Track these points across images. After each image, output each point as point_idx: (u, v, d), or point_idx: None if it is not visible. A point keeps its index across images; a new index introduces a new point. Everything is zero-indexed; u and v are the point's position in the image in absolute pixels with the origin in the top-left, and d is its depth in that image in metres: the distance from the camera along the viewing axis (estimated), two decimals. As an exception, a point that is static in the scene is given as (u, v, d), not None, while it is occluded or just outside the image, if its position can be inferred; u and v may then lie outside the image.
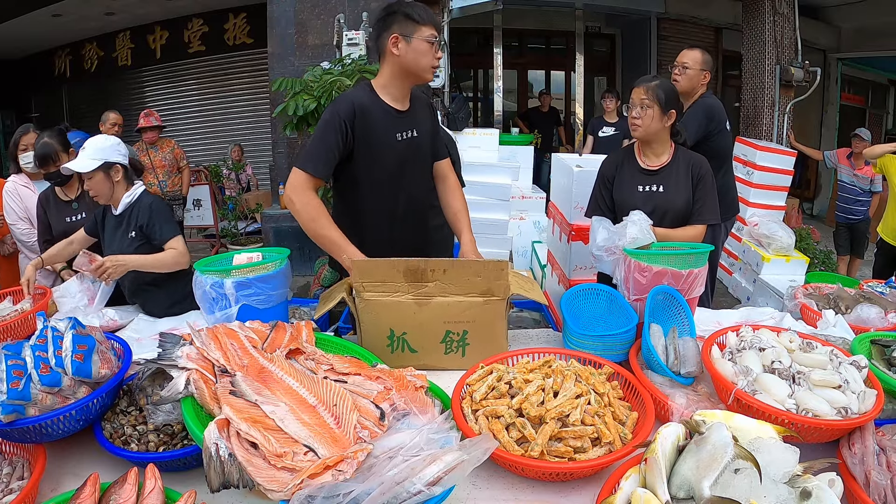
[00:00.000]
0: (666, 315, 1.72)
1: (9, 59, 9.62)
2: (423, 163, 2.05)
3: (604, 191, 2.27)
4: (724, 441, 0.97)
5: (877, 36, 8.08)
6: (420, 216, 2.09)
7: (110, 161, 2.19)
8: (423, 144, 2.02)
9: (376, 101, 1.91)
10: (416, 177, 2.03)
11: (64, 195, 2.68)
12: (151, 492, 1.03)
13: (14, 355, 1.24)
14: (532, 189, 5.31)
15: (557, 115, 8.28)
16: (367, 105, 1.88)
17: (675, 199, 2.13)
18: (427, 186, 2.10)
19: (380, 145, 1.91)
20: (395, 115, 1.94)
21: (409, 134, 1.97)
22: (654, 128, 2.11)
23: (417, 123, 2.00)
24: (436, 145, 2.10)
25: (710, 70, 3.00)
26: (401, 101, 1.95)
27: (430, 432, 1.06)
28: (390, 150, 1.93)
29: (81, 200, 2.66)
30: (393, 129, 1.93)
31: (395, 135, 1.94)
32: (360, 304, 1.64)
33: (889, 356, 1.53)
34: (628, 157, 2.25)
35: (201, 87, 8.70)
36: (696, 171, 2.15)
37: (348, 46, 5.18)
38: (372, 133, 1.89)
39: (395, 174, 1.97)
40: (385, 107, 1.92)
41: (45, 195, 2.72)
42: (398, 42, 1.84)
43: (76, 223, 2.62)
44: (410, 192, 2.02)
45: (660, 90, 2.07)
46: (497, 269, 1.63)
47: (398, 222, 2.03)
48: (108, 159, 2.18)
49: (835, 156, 5.50)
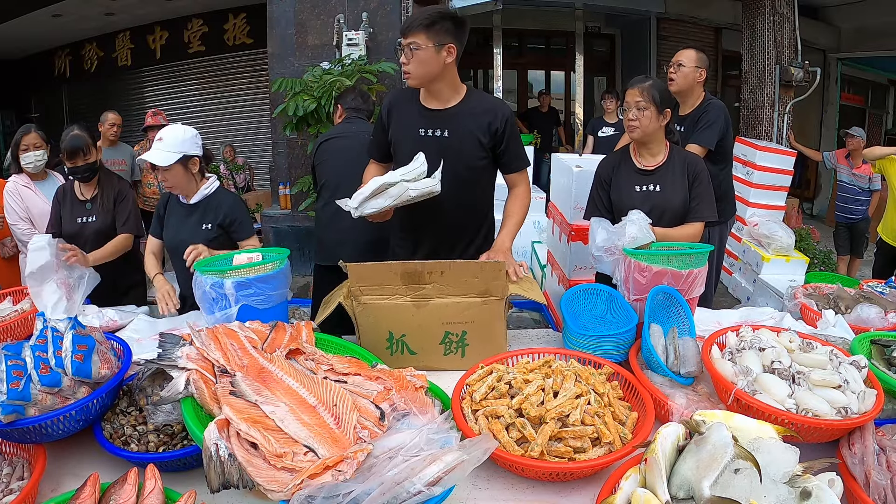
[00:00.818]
0: (666, 315, 1.72)
1: (9, 59, 9.61)
2: (449, 162, 2.01)
3: (601, 192, 2.28)
4: (724, 441, 0.97)
5: (877, 36, 8.08)
6: (445, 212, 2.08)
7: (189, 154, 2.16)
8: (453, 146, 2.02)
9: (413, 97, 2.07)
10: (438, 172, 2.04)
11: (81, 194, 2.67)
12: (151, 492, 1.03)
13: (14, 355, 1.24)
14: (532, 189, 5.31)
15: (557, 116, 8.28)
16: (401, 99, 2.11)
17: (672, 198, 2.14)
18: (458, 186, 2.05)
19: (400, 136, 2.07)
20: (426, 113, 2.04)
21: (435, 132, 2.02)
22: (652, 128, 2.12)
23: (453, 125, 2.02)
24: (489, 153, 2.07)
25: (706, 68, 3.01)
26: (436, 101, 2.03)
27: (430, 432, 1.06)
28: (410, 142, 2.02)
29: (95, 202, 2.66)
30: (417, 123, 2.03)
31: (418, 129, 2.03)
32: (357, 307, 1.64)
33: (889, 356, 1.53)
34: (624, 158, 2.26)
35: (201, 88, 8.69)
36: (691, 169, 2.16)
37: (348, 47, 5.17)
38: (396, 123, 2.08)
39: None
40: (419, 106, 2.05)
41: (63, 189, 2.71)
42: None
43: (86, 224, 2.62)
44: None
45: (654, 90, 2.08)
46: (494, 269, 1.63)
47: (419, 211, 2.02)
48: (188, 152, 2.16)
49: (834, 156, 5.50)
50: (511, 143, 2.08)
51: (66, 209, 2.65)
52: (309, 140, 4.94)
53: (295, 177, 5.58)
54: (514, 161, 2.12)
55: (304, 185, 4.99)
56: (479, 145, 2.05)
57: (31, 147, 2.96)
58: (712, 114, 2.87)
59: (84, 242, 2.56)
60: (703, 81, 3.01)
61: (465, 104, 2.03)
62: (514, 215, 2.10)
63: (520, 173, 2.14)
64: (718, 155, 2.92)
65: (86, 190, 2.67)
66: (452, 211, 2.08)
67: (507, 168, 2.13)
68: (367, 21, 5.38)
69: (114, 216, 2.67)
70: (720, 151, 2.93)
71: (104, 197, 2.67)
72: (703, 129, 2.87)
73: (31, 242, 2.01)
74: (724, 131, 2.90)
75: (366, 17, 5.39)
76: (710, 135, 2.84)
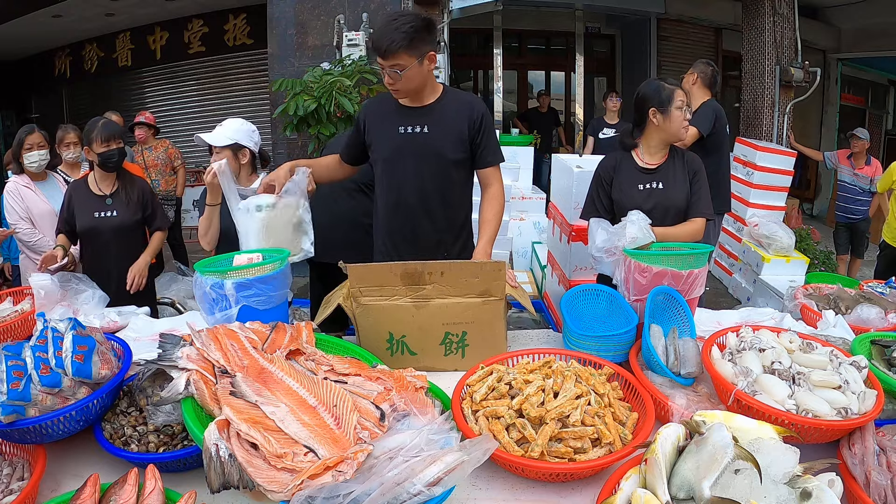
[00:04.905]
0: (666, 316, 1.72)
1: (9, 59, 9.60)
2: (430, 158, 2.04)
3: (601, 192, 2.27)
4: (724, 442, 0.96)
5: (877, 36, 8.08)
6: (428, 209, 2.09)
7: (241, 143, 2.28)
8: (434, 141, 2.03)
9: (391, 100, 2.07)
10: (419, 169, 2.05)
11: (98, 189, 2.68)
12: (151, 492, 1.03)
13: (14, 356, 1.24)
14: (532, 190, 5.32)
15: (556, 116, 8.28)
16: (379, 100, 2.15)
17: (675, 195, 2.15)
18: (440, 183, 2.09)
19: (378, 136, 2.08)
20: (404, 111, 2.05)
21: (415, 128, 2.03)
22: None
23: (432, 121, 2.03)
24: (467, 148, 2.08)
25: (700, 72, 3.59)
26: (416, 99, 2.04)
27: (430, 433, 1.06)
28: (389, 140, 2.06)
29: (116, 197, 2.68)
30: (396, 122, 2.04)
31: (397, 127, 2.04)
32: (357, 309, 1.64)
33: (889, 356, 1.53)
34: (625, 158, 2.26)
35: (201, 88, 8.69)
36: (690, 166, 2.18)
37: (348, 47, 5.18)
38: (374, 123, 2.09)
39: (394, 163, 2.06)
40: (396, 104, 2.06)
41: (75, 185, 2.73)
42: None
43: (105, 219, 2.63)
44: (415, 184, 2.06)
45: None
46: (495, 269, 1.63)
47: (402, 210, 2.08)
48: (240, 141, 2.28)
49: (835, 157, 5.50)
50: (488, 136, 2.09)
51: (80, 205, 2.65)
52: (309, 140, 4.94)
53: (295, 177, 5.57)
54: (490, 155, 2.11)
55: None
56: (459, 139, 2.05)
57: (34, 147, 2.97)
58: (705, 108, 3.43)
59: (103, 237, 2.59)
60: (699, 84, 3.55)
61: (443, 100, 2.05)
62: (490, 222, 2.07)
63: (494, 169, 2.13)
64: (710, 147, 3.38)
65: (104, 185, 2.68)
66: (434, 211, 2.08)
67: (483, 161, 2.11)
68: (367, 21, 5.39)
69: (141, 213, 2.74)
70: (712, 143, 3.40)
71: (126, 192, 2.70)
72: (696, 117, 3.33)
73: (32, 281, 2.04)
74: (715, 124, 3.38)
75: (366, 18, 5.40)
76: (703, 121, 3.34)
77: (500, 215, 2.11)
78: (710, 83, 3.60)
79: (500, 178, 2.14)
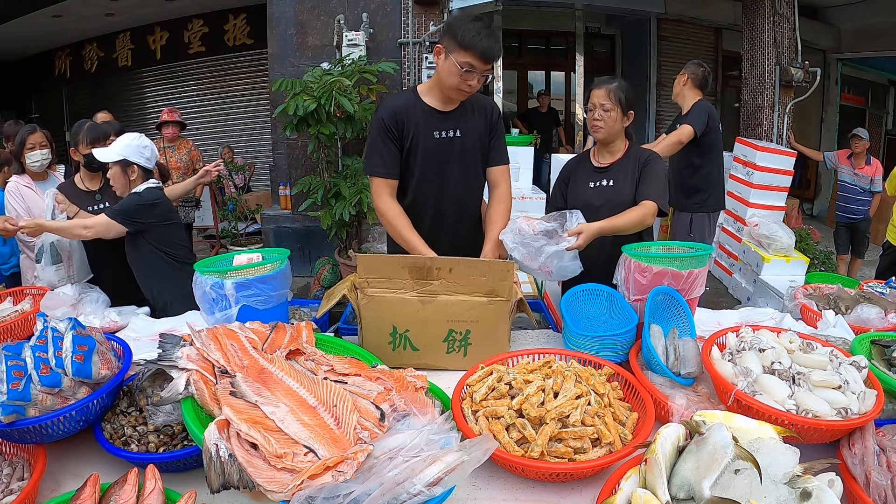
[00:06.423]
0: (666, 315, 1.72)
1: (9, 59, 9.61)
2: (465, 162, 2.06)
3: (559, 191, 2.34)
4: (724, 442, 0.96)
5: (877, 36, 8.08)
6: (464, 215, 2.10)
7: (129, 160, 2.34)
8: (466, 144, 2.05)
9: (416, 102, 2.03)
10: (456, 175, 2.06)
11: (85, 186, 2.76)
12: (151, 492, 1.03)
13: (14, 356, 1.24)
14: (532, 189, 5.31)
15: (556, 116, 8.29)
16: (402, 106, 2.02)
17: (624, 190, 2.15)
18: (472, 186, 2.12)
19: (416, 141, 2.02)
20: (435, 114, 2.03)
21: (449, 133, 2.03)
22: (616, 129, 2.16)
23: (462, 124, 2.04)
24: (487, 149, 2.10)
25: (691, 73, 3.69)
26: (444, 103, 2.03)
27: (430, 433, 1.06)
28: (426, 147, 2.02)
29: (105, 192, 2.75)
30: (430, 127, 2.02)
31: (432, 132, 2.02)
32: (363, 300, 1.64)
33: (889, 356, 1.53)
34: (584, 158, 2.32)
35: (201, 88, 8.70)
36: (642, 161, 2.17)
37: (348, 47, 5.18)
38: (409, 130, 2.01)
39: (432, 170, 2.04)
40: (424, 107, 2.02)
41: (63, 186, 2.77)
42: (440, 53, 1.92)
43: (97, 213, 2.67)
44: (452, 190, 2.07)
45: (620, 92, 2.11)
46: (503, 269, 1.63)
47: (442, 219, 2.08)
48: (128, 158, 2.34)
49: (835, 157, 5.50)
50: (501, 136, 2.12)
51: (72, 202, 2.67)
52: (309, 140, 4.94)
53: (295, 177, 5.58)
54: (501, 153, 2.14)
55: (305, 185, 4.99)
56: (483, 142, 2.08)
57: (37, 146, 2.97)
58: (697, 108, 3.57)
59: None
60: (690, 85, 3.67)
61: (465, 102, 2.05)
62: (497, 223, 2.05)
63: (504, 168, 2.15)
64: (704, 147, 3.56)
65: (91, 183, 2.76)
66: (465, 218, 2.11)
67: (495, 160, 2.13)
68: (367, 21, 5.39)
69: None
70: (706, 142, 3.55)
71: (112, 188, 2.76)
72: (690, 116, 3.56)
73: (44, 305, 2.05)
74: (709, 123, 3.50)
75: (366, 18, 5.40)
76: (697, 120, 3.48)
77: (508, 216, 2.10)
78: (702, 84, 3.68)
79: (508, 179, 2.16)
